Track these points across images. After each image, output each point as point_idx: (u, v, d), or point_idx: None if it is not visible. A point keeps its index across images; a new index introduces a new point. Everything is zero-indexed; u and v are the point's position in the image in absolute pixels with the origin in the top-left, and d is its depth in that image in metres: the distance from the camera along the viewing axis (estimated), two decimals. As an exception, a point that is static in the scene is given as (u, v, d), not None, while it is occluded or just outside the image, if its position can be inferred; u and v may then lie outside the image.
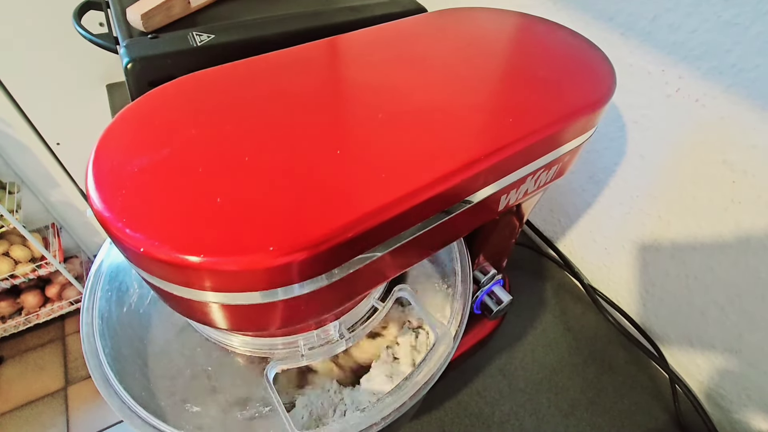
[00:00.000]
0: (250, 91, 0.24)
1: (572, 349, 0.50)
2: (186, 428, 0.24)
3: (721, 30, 0.33)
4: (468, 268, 0.33)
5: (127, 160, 0.19)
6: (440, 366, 0.26)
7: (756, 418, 0.42)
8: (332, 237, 0.16)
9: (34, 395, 1.23)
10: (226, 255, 0.15)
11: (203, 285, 0.17)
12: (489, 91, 0.25)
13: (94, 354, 0.25)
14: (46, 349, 1.33)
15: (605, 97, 0.26)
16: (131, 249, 0.16)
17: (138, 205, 0.16)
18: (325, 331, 0.26)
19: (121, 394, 0.24)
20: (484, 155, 0.20)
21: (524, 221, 0.38)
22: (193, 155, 0.19)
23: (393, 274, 0.23)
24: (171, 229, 0.16)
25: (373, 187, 0.18)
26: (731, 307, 0.40)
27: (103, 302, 0.28)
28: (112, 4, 0.47)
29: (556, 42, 0.30)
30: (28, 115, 1.02)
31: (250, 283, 0.16)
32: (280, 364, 0.25)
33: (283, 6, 0.49)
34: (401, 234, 0.20)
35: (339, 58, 0.28)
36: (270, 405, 0.26)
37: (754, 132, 0.34)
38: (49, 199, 1.24)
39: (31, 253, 1.22)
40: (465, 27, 0.32)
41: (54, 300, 1.33)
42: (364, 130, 0.21)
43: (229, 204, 0.17)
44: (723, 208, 0.38)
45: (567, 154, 0.26)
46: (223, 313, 0.19)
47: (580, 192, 0.53)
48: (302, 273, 0.17)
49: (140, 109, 0.22)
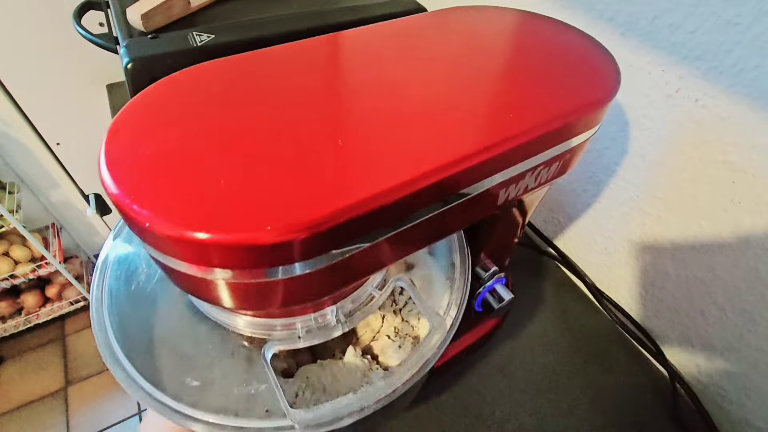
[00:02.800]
0: (256, 81, 0.25)
1: (572, 348, 0.50)
2: (185, 400, 0.25)
3: (721, 30, 0.33)
4: (467, 261, 0.33)
5: (137, 143, 0.20)
6: (434, 354, 0.27)
7: (756, 417, 0.42)
8: (329, 219, 0.17)
9: (34, 395, 1.23)
10: (225, 231, 0.16)
11: (204, 261, 0.17)
12: (492, 86, 0.26)
13: (102, 328, 0.27)
14: (46, 349, 1.33)
15: (606, 96, 0.25)
16: (138, 224, 0.17)
17: (146, 184, 0.18)
18: (323, 315, 0.27)
19: (125, 366, 0.26)
20: (483, 148, 0.21)
21: (527, 220, 0.38)
22: (200, 141, 0.20)
23: (390, 262, 0.24)
24: (175, 206, 0.17)
25: (371, 175, 0.19)
26: (731, 306, 0.40)
27: (112, 280, 0.30)
28: (112, 4, 0.47)
29: (560, 39, 0.30)
30: (28, 115, 1.02)
31: (247, 260, 0.17)
32: (277, 344, 0.26)
33: (283, 6, 0.49)
34: (398, 221, 0.20)
35: (345, 52, 0.28)
36: (266, 383, 0.27)
37: (754, 132, 0.34)
38: (49, 199, 1.24)
39: (31, 253, 1.22)
40: (470, 24, 0.32)
41: (54, 300, 1.33)
42: (366, 121, 0.22)
43: (232, 186, 0.18)
44: (723, 208, 0.38)
45: (568, 152, 0.26)
46: (222, 289, 0.19)
47: (580, 192, 0.53)
48: (298, 253, 0.17)
49: (151, 96, 0.23)
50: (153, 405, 0.25)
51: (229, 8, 0.49)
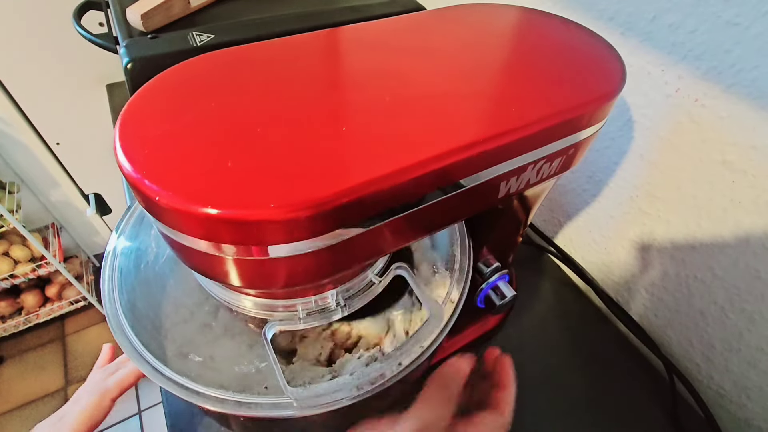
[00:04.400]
0: (264, 70, 0.25)
1: (572, 348, 0.50)
2: (188, 375, 0.26)
3: (721, 30, 0.33)
4: (468, 253, 0.34)
5: (149, 125, 0.21)
6: (431, 342, 0.28)
7: (756, 417, 0.42)
8: (330, 200, 0.18)
9: (34, 395, 1.23)
10: (229, 207, 0.17)
11: (209, 236, 0.19)
12: (496, 79, 0.26)
13: (112, 303, 0.29)
14: (46, 349, 1.33)
15: (611, 91, 0.25)
16: (148, 198, 0.18)
17: (156, 161, 0.19)
18: (323, 299, 0.28)
19: (132, 340, 0.27)
20: (485, 138, 0.21)
21: (530, 216, 0.38)
22: (209, 124, 0.21)
23: (390, 249, 0.24)
24: (183, 182, 0.18)
25: (373, 159, 0.20)
26: (731, 306, 0.40)
27: (122, 259, 0.32)
28: (112, 4, 0.47)
29: (563, 35, 0.31)
30: (28, 115, 1.02)
31: (251, 236, 0.18)
32: (278, 325, 0.27)
33: (283, 6, 0.49)
34: (398, 208, 0.21)
35: (351, 45, 0.29)
36: (266, 361, 0.28)
37: (754, 132, 0.34)
38: (49, 199, 1.24)
39: (31, 252, 1.22)
40: (475, 20, 0.32)
41: (54, 300, 1.33)
42: (369, 110, 0.23)
43: (239, 166, 0.19)
44: (722, 208, 0.38)
45: (571, 147, 0.26)
46: (227, 266, 0.20)
47: (580, 192, 0.53)
48: (300, 232, 0.18)
49: (164, 82, 0.24)
50: (158, 378, 0.26)
51: (229, 8, 0.49)
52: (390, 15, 0.48)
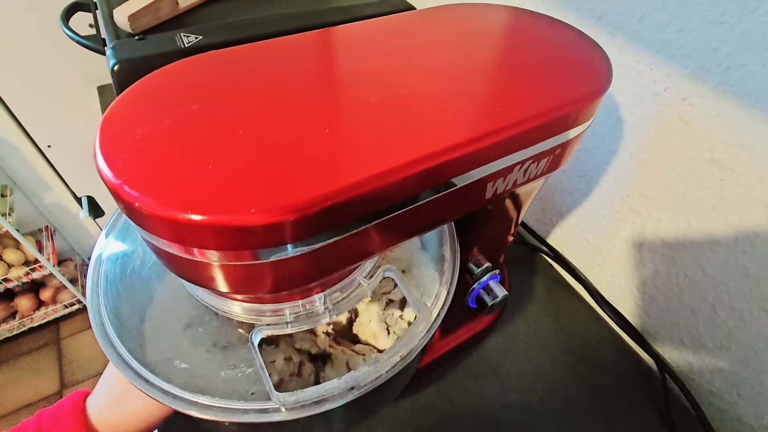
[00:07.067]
0: (249, 73, 0.25)
1: (565, 348, 0.50)
2: (174, 382, 0.26)
3: (708, 28, 0.33)
4: (456, 254, 0.34)
5: (130, 129, 0.20)
6: (419, 343, 0.27)
7: (747, 414, 0.42)
8: (312, 204, 0.17)
9: (30, 399, 1.22)
10: (209, 212, 0.17)
11: (191, 241, 0.18)
12: (481, 79, 0.26)
13: (96, 311, 0.29)
14: (41, 353, 1.32)
15: (597, 90, 0.25)
16: (128, 204, 0.18)
17: (136, 167, 0.19)
18: (311, 302, 0.28)
19: (118, 347, 0.27)
20: (471, 139, 0.21)
21: (520, 216, 0.38)
22: (190, 128, 0.21)
23: (378, 251, 0.24)
24: (163, 188, 0.18)
25: (357, 161, 0.19)
26: (721, 304, 0.40)
27: (108, 264, 0.32)
28: (99, 6, 0.46)
29: (550, 34, 0.31)
30: (19, 118, 1.01)
31: (232, 242, 0.18)
32: (265, 329, 0.27)
33: (272, 7, 0.49)
34: (383, 210, 0.21)
35: (336, 46, 0.29)
36: (253, 366, 0.28)
37: (741, 130, 0.34)
38: (42, 202, 1.23)
39: (25, 256, 1.21)
40: (462, 20, 0.32)
41: (48, 303, 1.32)
42: (354, 112, 0.23)
43: (220, 170, 0.18)
44: (712, 206, 0.38)
45: (558, 147, 0.26)
46: (210, 272, 0.20)
47: (571, 191, 0.53)
48: (284, 236, 0.18)
49: (145, 87, 0.24)
50: (142, 385, 0.26)
51: (218, 9, 0.48)
52: (380, 15, 0.48)
